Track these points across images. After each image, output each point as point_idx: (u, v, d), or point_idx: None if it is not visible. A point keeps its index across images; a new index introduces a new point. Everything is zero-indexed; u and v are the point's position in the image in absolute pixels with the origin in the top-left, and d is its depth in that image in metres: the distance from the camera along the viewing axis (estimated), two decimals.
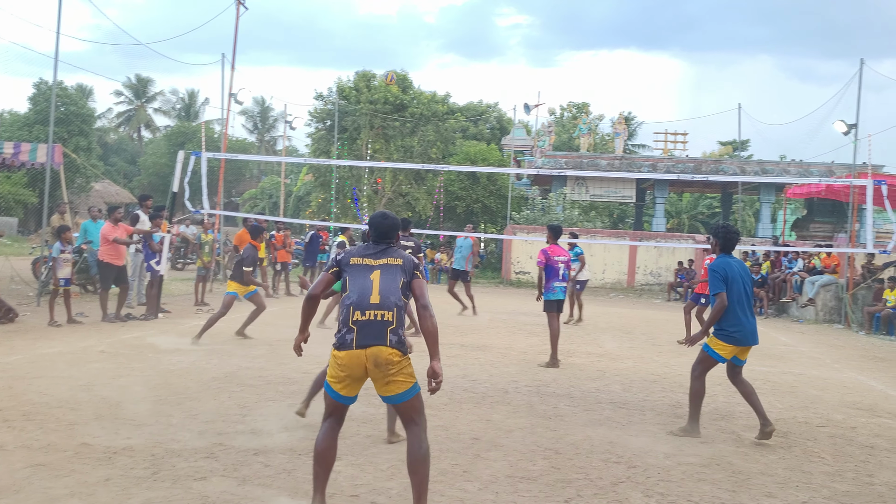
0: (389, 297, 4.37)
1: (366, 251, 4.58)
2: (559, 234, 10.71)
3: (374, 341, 4.28)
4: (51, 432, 5.77)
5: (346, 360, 4.34)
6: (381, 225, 4.65)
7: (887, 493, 5.39)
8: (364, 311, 4.33)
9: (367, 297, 4.36)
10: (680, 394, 8.68)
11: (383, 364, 4.29)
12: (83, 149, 35.09)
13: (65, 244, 11.92)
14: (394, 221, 4.71)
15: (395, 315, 4.36)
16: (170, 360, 9.06)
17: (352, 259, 4.53)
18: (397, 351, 4.33)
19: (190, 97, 61.26)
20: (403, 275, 4.49)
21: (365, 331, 4.30)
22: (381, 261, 4.50)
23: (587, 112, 51.08)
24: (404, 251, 4.68)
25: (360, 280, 4.42)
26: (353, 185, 33.08)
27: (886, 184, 11.91)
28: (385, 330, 4.31)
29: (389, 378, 4.32)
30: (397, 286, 4.44)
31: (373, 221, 4.69)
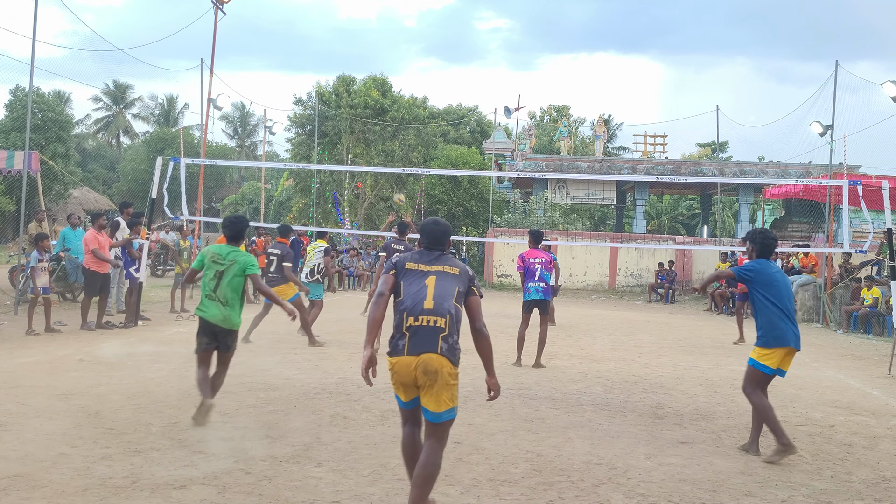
0: (443, 303, 4.33)
1: (421, 257, 4.54)
2: (539, 240, 10.74)
3: (425, 348, 4.24)
4: (28, 442, 5.71)
5: (397, 367, 4.31)
6: (434, 231, 4.63)
7: (865, 491, 5.45)
8: (417, 317, 4.29)
9: (420, 302, 4.32)
10: (661, 395, 8.73)
11: (432, 372, 4.24)
12: (61, 156, 34.74)
13: (42, 252, 11.81)
14: (445, 227, 4.69)
15: (448, 322, 4.31)
16: (150, 368, 9.00)
17: (407, 264, 4.49)
18: (448, 360, 4.27)
19: (169, 103, 60.87)
20: (460, 285, 4.46)
21: (417, 337, 4.26)
22: (436, 267, 4.47)
23: (567, 115, 51.33)
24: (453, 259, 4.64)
25: (414, 285, 4.39)
26: (334, 189, 33.01)
27: (862, 184, 12.03)
28: (437, 337, 4.26)
29: (437, 390, 4.26)
30: (452, 294, 4.39)
31: (425, 228, 4.66)
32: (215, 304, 6.61)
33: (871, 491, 5.46)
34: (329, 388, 8.29)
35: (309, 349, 11.09)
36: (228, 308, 6.61)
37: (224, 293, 6.59)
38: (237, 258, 6.68)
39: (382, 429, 6.58)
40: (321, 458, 5.66)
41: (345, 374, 9.20)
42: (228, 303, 6.60)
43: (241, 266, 6.66)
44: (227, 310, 6.61)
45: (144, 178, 44.97)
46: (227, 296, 6.60)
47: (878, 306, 16.80)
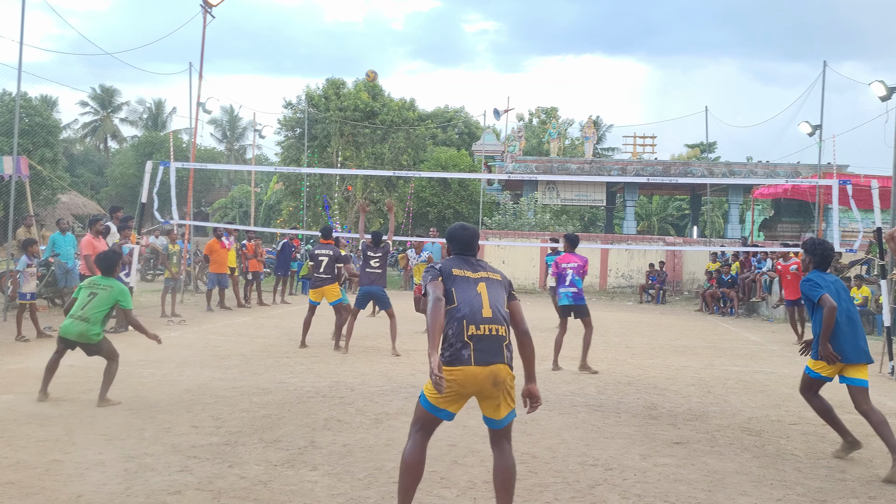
0: (500, 310, 4.28)
1: (461, 263, 4.43)
2: (575, 244, 10.75)
3: (494, 359, 4.15)
4: (20, 449, 5.66)
5: (461, 377, 4.14)
6: (463, 236, 4.54)
7: (859, 489, 5.46)
8: (479, 326, 4.18)
9: (479, 310, 4.21)
10: (654, 395, 8.74)
11: (501, 383, 4.17)
12: (49, 160, 34.55)
13: (31, 257, 11.73)
14: (474, 231, 4.62)
15: (507, 330, 4.26)
16: (141, 372, 8.94)
17: (454, 270, 4.36)
18: (510, 367, 4.22)
19: (157, 107, 60.67)
20: (504, 291, 4.42)
21: (483, 346, 4.15)
22: (480, 273, 4.40)
23: (556, 117, 51.42)
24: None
25: (467, 292, 4.28)
26: (324, 192, 32.96)
27: (852, 183, 12.08)
28: (502, 346, 4.19)
29: (502, 399, 4.20)
30: (504, 300, 4.36)
31: (454, 234, 4.56)
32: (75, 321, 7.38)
33: (866, 489, 5.48)
34: (322, 391, 8.26)
35: (301, 352, 11.05)
36: (89, 324, 7.35)
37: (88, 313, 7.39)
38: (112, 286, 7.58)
39: (377, 432, 6.56)
40: (316, 461, 5.64)
41: (338, 377, 9.18)
42: (90, 320, 7.35)
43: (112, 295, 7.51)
44: (87, 325, 7.35)
45: (133, 182, 44.82)
46: (92, 315, 7.38)
47: (868, 305, 16.87)
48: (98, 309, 7.38)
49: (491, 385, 4.16)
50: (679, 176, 31.02)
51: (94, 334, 7.34)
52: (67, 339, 7.38)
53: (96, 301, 7.39)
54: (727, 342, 14.23)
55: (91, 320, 7.33)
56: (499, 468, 4.30)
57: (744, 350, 12.93)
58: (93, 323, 7.33)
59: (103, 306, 7.41)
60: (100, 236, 12.66)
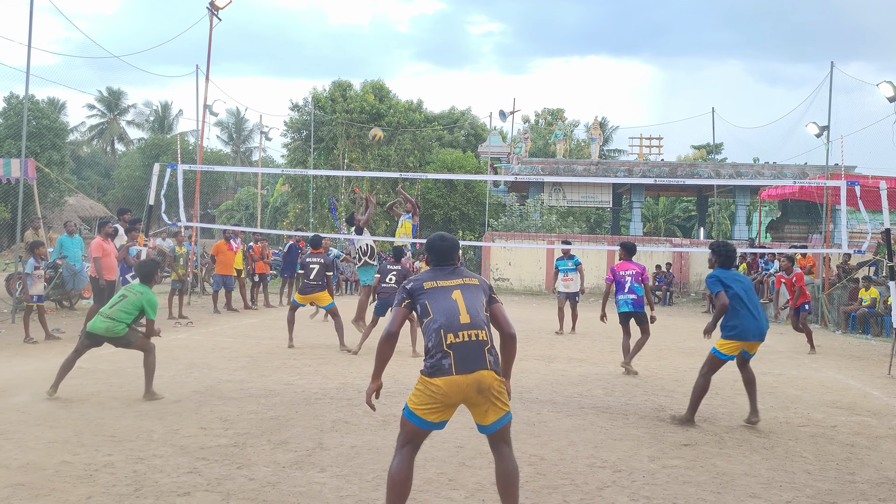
0: (478, 315, 4.20)
1: (435, 275, 4.35)
2: (633, 252, 10.80)
3: (475, 365, 4.08)
4: (29, 451, 5.68)
5: (444, 387, 4.06)
6: (441, 247, 4.46)
7: (869, 491, 5.44)
8: (457, 333, 4.11)
9: (455, 317, 4.15)
10: (662, 397, 8.73)
11: (486, 389, 4.10)
12: (56, 163, 34.68)
13: (38, 259, 11.77)
14: (453, 242, 4.53)
15: (487, 333, 4.19)
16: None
17: (425, 284, 4.29)
18: (495, 372, 4.15)
19: (163, 109, 60.80)
20: (484, 294, 4.35)
21: (463, 354, 4.08)
22: (455, 281, 4.32)
23: (562, 118, 51.39)
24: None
25: (442, 302, 4.20)
26: (331, 194, 32.99)
27: (860, 184, 12.05)
28: (483, 351, 4.12)
29: (490, 405, 4.14)
30: (482, 304, 4.28)
31: (431, 245, 4.49)
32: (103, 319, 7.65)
33: (875, 491, 5.45)
34: (330, 392, 8.27)
35: (308, 354, 11.07)
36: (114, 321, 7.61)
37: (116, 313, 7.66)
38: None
39: (385, 433, 6.56)
40: (324, 463, 5.64)
41: (345, 378, 9.19)
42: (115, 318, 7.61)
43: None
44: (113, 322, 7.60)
45: (139, 184, 44.92)
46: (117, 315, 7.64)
47: (876, 306, 16.83)
48: (125, 310, 7.64)
49: (475, 392, 4.10)
50: (685, 177, 30.96)
51: (120, 329, 7.58)
52: (94, 334, 7.58)
53: (125, 303, 7.68)
54: None
55: (117, 319, 7.58)
56: (499, 472, 4.27)
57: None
58: (118, 321, 7.58)
59: (130, 308, 7.65)
60: (109, 239, 12.71)
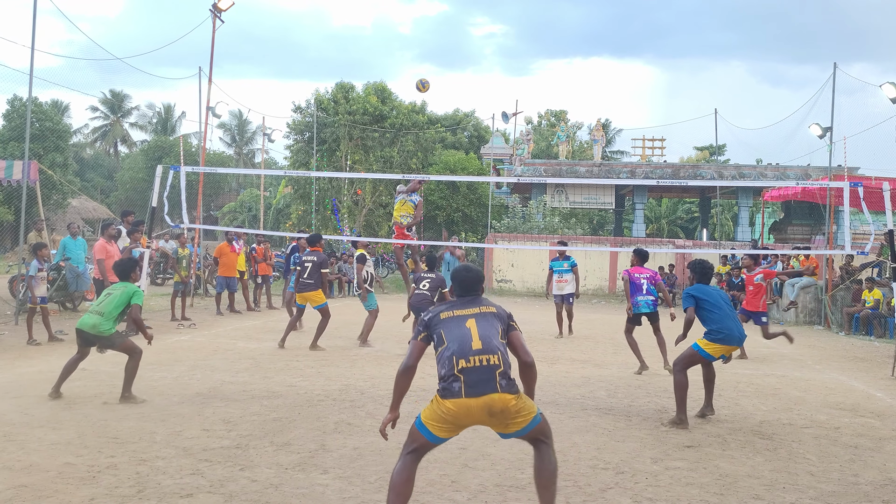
0: (491, 341, 4.29)
1: (453, 305, 4.52)
2: (645, 259, 11.06)
3: (486, 389, 4.16)
4: (32, 452, 5.69)
5: (455, 409, 4.18)
6: (466, 278, 4.63)
7: (873, 493, 5.43)
8: (468, 358, 4.21)
9: (467, 343, 4.25)
10: (665, 399, 8.71)
11: (498, 412, 4.18)
12: (59, 165, 34.75)
13: (41, 261, 11.78)
14: (477, 273, 4.69)
15: (500, 358, 4.25)
16: (152, 376, 8.96)
17: (442, 314, 4.45)
18: (509, 394, 4.20)
19: (166, 111, 60.88)
20: (500, 322, 4.45)
21: (473, 378, 4.17)
22: (471, 310, 4.45)
23: (565, 120, 51.36)
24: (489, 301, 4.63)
25: (455, 330, 4.34)
26: (333, 196, 33.00)
27: (863, 185, 12.02)
28: (494, 374, 4.19)
29: (508, 422, 4.24)
30: (497, 331, 4.38)
31: (456, 275, 4.66)
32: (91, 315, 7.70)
33: (879, 493, 5.44)
34: (332, 394, 8.27)
35: (311, 355, 11.07)
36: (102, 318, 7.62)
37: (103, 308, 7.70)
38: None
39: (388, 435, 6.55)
40: (327, 465, 5.64)
41: (347, 380, 9.19)
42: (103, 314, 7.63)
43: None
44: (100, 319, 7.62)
45: (142, 186, 44.98)
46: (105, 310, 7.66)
47: (880, 308, 16.80)
48: (113, 304, 7.65)
49: (487, 416, 4.18)
50: (688, 178, 30.93)
51: (105, 329, 7.56)
52: (82, 331, 7.60)
53: (111, 299, 7.71)
54: None
55: (105, 315, 7.58)
56: (536, 468, 4.39)
57: (754, 353, 12.87)
58: (106, 318, 7.57)
59: (117, 302, 7.67)
60: (112, 240, 12.72)
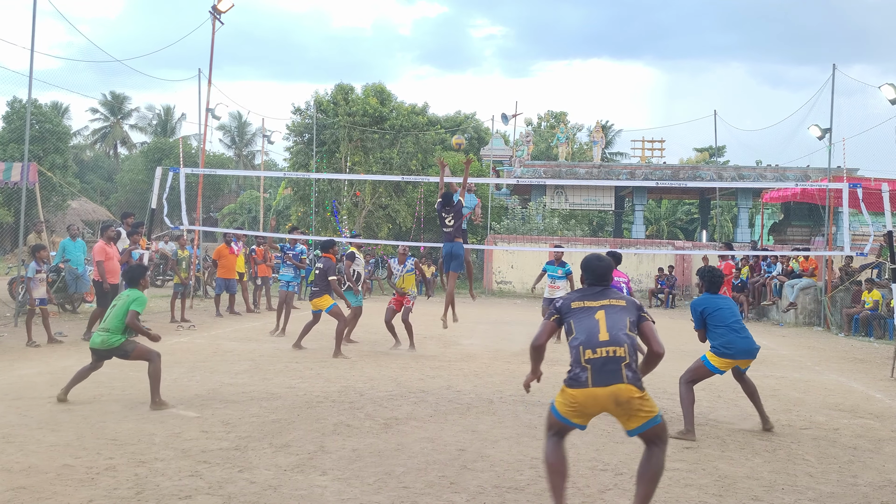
0: (619, 333, 4.39)
1: (584, 294, 4.63)
2: (619, 261, 10.87)
3: (611, 380, 4.27)
4: (31, 454, 5.68)
5: (581, 398, 4.33)
6: (596, 268, 4.70)
7: (871, 494, 5.43)
8: (595, 349, 4.33)
9: (595, 335, 4.37)
10: (664, 400, 8.71)
11: (624, 402, 4.29)
12: (59, 167, 34.75)
13: (40, 263, 11.78)
14: (608, 263, 4.74)
15: (626, 350, 4.34)
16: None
17: (573, 303, 4.57)
18: (635, 387, 4.29)
19: (166, 113, 60.86)
20: (629, 314, 4.53)
21: (599, 369, 4.29)
22: (602, 301, 4.56)
23: (564, 121, 51.34)
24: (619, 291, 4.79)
25: (585, 321, 4.46)
26: (333, 198, 33.00)
27: (862, 187, 12.03)
28: (620, 366, 4.30)
29: (633, 413, 4.32)
30: (625, 324, 4.46)
31: (588, 264, 4.74)
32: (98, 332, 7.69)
33: (878, 494, 5.44)
34: (331, 396, 8.27)
35: (310, 357, 11.06)
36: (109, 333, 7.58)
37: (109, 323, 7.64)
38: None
39: (386, 437, 6.56)
40: (325, 466, 5.64)
41: (346, 382, 9.18)
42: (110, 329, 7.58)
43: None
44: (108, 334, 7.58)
45: (142, 188, 44.97)
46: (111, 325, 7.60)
47: (879, 309, 16.80)
48: (117, 318, 7.58)
49: (614, 405, 4.30)
50: (688, 180, 30.95)
51: (114, 341, 7.51)
52: (95, 349, 7.59)
53: (115, 311, 7.64)
54: None
55: (111, 329, 7.54)
56: (642, 464, 4.47)
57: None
58: (113, 331, 7.52)
59: (121, 313, 7.59)
60: (112, 242, 12.73)
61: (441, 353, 11.80)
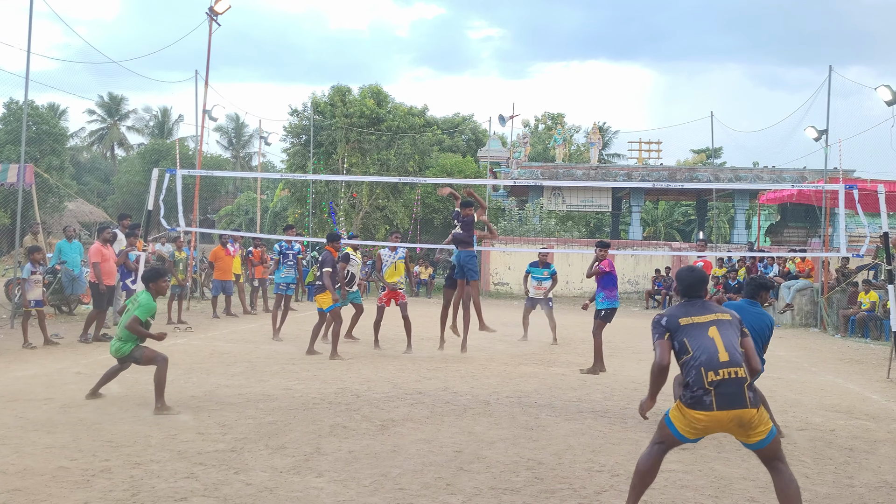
0: (735, 352, 4.38)
1: (687, 310, 4.60)
2: (607, 247, 11.07)
3: (736, 404, 4.27)
4: (27, 456, 5.67)
5: (705, 421, 4.33)
6: (688, 279, 4.72)
7: (867, 495, 5.44)
8: (717, 371, 4.31)
9: (714, 355, 4.34)
10: (661, 401, 8.69)
11: (746, 424, 4.31)
12: (56, 168, 34.68)
13: (35, 265, 11.76)
14: (701, 275, 4.76)
15: (745, 370, 4.36)
16: (147, 379, 8.90)
17: (680, 320, 4.53)
18: (754, 409, 4.31)
19: (163, 114, 60.79)
20: (737, 329, 4.53)
21: (724, 391, 4.28)
22: (709, 316, 4.52)
23: (562, 123, 51.39)
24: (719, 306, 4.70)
25: (700, 339, 4.42)
26: (330, 199, 32.97)
27: (858, 188, 12.04)
28: (743, 389, 4.31)
29: (751, 431, 4.34)
30: (737, 340, 4.46)
31: (680, 276, 4.78)
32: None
33: (874, 495, 5.45)
34: (328, 397, 8.26)
35: (307, 358, 11.05)
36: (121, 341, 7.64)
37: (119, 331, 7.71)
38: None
39: (382, 438, 6.56)
40: (321, 468, 5.64)
41: (343, 383, 9.18)
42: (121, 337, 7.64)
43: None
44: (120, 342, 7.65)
45: (139, 190, 44.87)
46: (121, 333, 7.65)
47: (876, 310, 16.82)
48: (122, 326, 7.68)
49: (736, 427, 4.33)
50: (685, 181, 30.99)
51: (125, 349, 7.59)
52: (113, 356, 7.75)
53: (122, 318, 7.75)
54: None
55: (122, 338, 7.63)
56: (778, 488, 4.42)
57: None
58: (124, 339, 7.60)
59: (125, 321, 7.65)
60: (108, 244, 12.71)
61: (437, 354, 11.79)
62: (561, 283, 27.75)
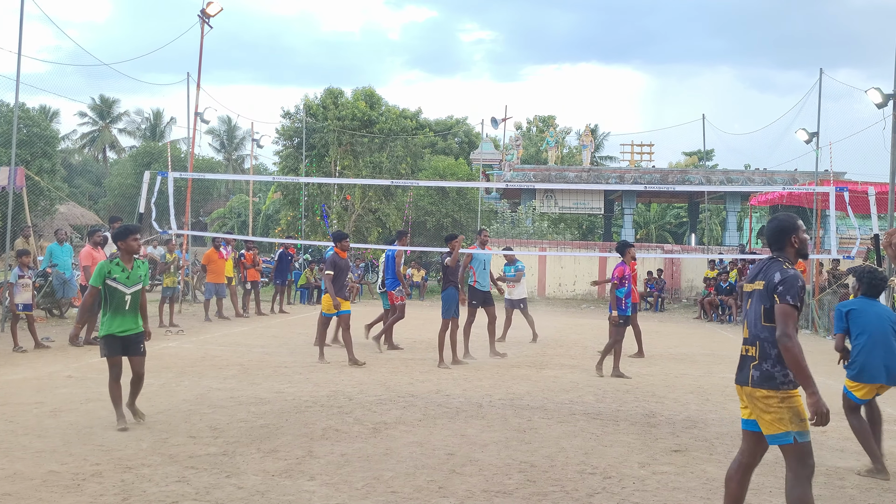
0: (754, 328, 4.24)
1: (753, 273, 4.39)
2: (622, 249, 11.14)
3: (741, 380, 4.28)
4: (17, 460, 5.65)
5: (739, 392, 4.36)
6: (767, 231, 4.39)
7: (858, 497, 5.46)
8: (742, 346, 4.34)
9: (743, 329, 4.36)
10: (653, 403, 8.73)
11: (750, 401, 4.25)
12: (47, 171, 34.51)
13: (23, 269, 11.71)
14: (777, 224, 4.30)
15: (757, 349, 4.18)
16: (147, 381, 8.89)
17: (745, 286, 4.44)
18: (759, 388, 4.13)
19: (155, 117, 60.64)
20: (764, 301, 4.18)
21: (739, 365, 4.32)
22: (753, 286, 4.31)
23: (554, 125, 51.47)
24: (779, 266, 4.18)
25: (747, 312, 4.36)
26: (323, 202, 32.95)
27: (848, 190, 12.09)
28: (747, 366, 4.24)
29: (759, 414, 4.18)
30: (760, 315, 4.20)
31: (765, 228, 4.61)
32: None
33: (865, 496, 5.47)
34: (320, 400, 8.25)
35: (299, 362, 11.03)
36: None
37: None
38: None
39: (375, 441, 6.55)
40: (313, 471, 5.62)
41: (335, 386, 9.16)
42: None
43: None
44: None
45: (131, 192, 44.73)
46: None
47: None
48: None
49: (750, 402, 4.23)
50: (677, 184, 31.06)
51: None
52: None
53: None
54: (726, 350, 14.21)
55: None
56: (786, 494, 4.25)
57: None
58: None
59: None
60: (99, 247, 12.67)
61: (430, 356, 11.78)
62: (553, 286, 27.88)
